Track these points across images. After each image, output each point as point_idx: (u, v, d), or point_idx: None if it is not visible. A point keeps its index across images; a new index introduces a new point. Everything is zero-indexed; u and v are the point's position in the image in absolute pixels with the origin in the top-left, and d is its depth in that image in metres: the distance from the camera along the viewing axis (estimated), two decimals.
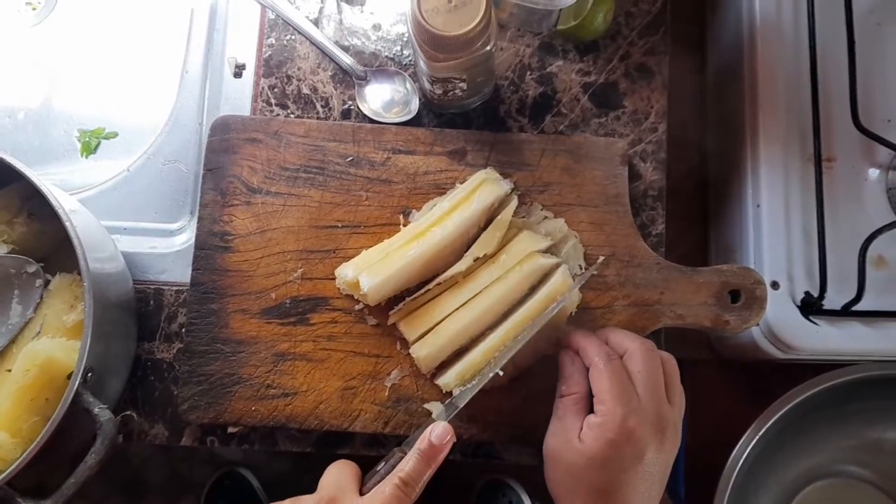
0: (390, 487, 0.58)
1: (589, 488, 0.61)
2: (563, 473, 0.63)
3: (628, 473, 0.60)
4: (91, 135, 0.88)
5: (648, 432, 0.60)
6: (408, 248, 0.71)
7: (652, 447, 0.60)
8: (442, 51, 0.65)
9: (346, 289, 0.73)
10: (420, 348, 0.70)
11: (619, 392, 0.61)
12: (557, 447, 0.63)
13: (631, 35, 0.83)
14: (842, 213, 0.88)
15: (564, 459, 0.62)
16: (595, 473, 0.60)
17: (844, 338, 0.85)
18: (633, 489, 0.60)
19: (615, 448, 0.60)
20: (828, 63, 0.87)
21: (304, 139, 0.77)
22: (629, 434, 0.59)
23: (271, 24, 0.83)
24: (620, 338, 0.65)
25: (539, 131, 0.81)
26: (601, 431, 0.60)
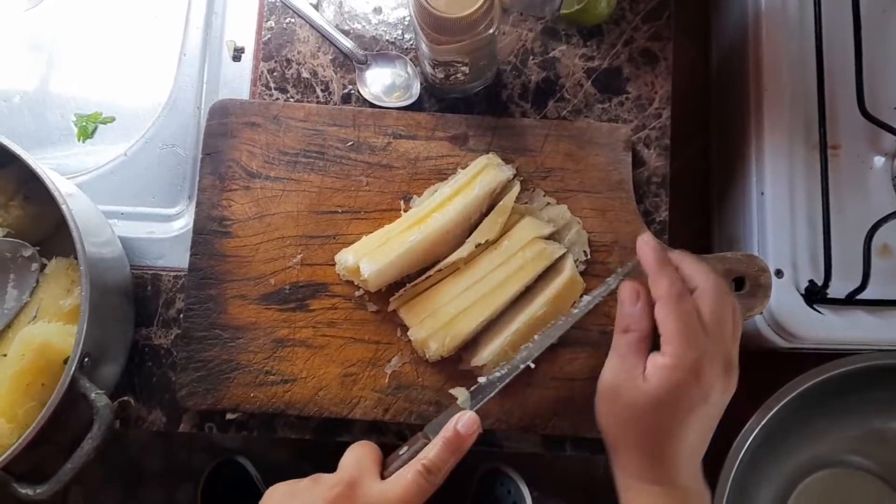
0: (413, 474, 0.57)
1: (647, 427, 0.59)
2: (621, 409, 0.61)
3: (691, 415, 0.59)
4: (88, 119, 0.87)
5: (716, 374, 0.59)
6: (408, 234, 0.71)
7: (717, 389, 0.59)
8: (444, 33, 0.65)
9: (346, 275, 0.72)
10: (418, 331, 0.70)
11: (689, 334, 0.59)
12: (618, 384, 0.61)
13: (635, 20, 0.82)
14: (847, 200, 0.87)
15: (625, 397, 0.60)
16: (657, 413, 0.59)
17: (848, 327, 0.84)
18: (691, 429, 0.59)
19: (682, 390, 0.58)
20: (833, 49, 0.86)
21: (303, 123, 0.76)
22: (697, 377, 0.58)
23: (270, 7, 0.82)
24: (693, 270, 0.62)
25: (542, 116, 0.80)
26: (669, 373, 0.58)
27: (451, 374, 0.72)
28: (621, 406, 0.61)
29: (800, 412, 0.90)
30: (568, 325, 0.67)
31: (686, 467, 0.60)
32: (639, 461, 0.61)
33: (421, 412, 0.72)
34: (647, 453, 0.60)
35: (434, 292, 0.71)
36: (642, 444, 0.60)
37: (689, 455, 0.60)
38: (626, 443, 0.62)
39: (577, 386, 0.72)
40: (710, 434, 0.62)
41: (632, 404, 0.60)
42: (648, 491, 0.60)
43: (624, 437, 0.62)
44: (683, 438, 0.59)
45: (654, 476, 0.60)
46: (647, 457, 0.60)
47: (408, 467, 0.58)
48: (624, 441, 0.62)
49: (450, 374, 0.72)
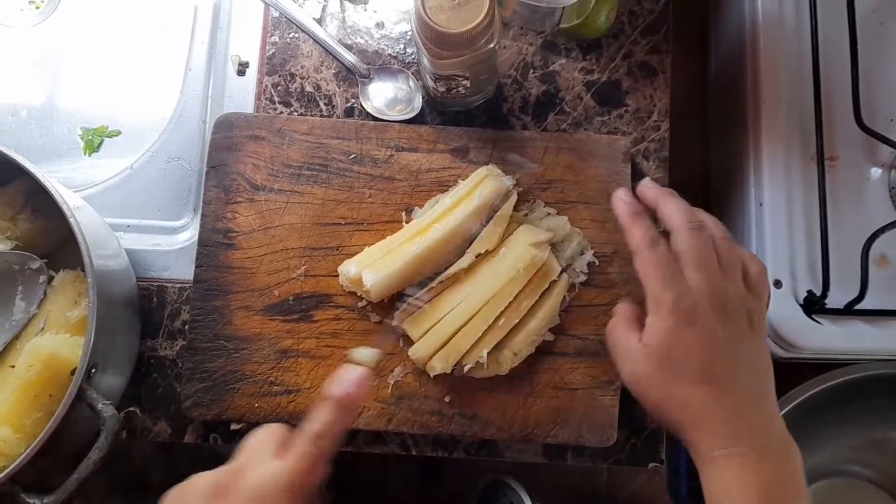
0: (303, 444, 0.53)
1: (677, 393, 0.57)
2: (647, 388, 0.58)
3: (713, 362, 0.56)
4: (94, 133, 0.88)
5: (708, 313, 0.56)
6: (410, 245, 0.71)
7: (722, 326, 0.57)
8: (445, 48, 0.65)
9: (349, 286, 0.73)
10: (418, 350, 0.71)
11: (663, 277, 0.57)
12: (629, 367, 0.59)
13: (634, 34, 0.83)
14: (844, 211, 0.88)
15: (641, 375, 0.58)
16: (674, 373, 0.57)
17: (847, 336, 0.85)
18: (726, 377, 0.57)
19: (679, 338, 0.56)
20: (830, 61, 0.87)
21: (307, 136, 0.77)
22: (689, 319, 0.56)
23: (275, 23, 0.83)
24: (667, 211, 0.61)
25: (542, 129, 0.81)
26: (655, 324, 0.57)
27: (453, 384, 0.73)
28: (644, 385, 0.59)
29: (799, 422, 0.90)
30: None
31: (750, 421, 0.57)
32: (695, 433, 0.57)
33: (424, 422, 0.73)
34: (693, 421, 0.57)
35: (435, 303, 0.72)
36: (685, 412, 0.57)
37: (745, 407, 0.57)
38: (673, 419, 0.58)
39: (578, 395, 0.73)
40: (764, 379, 0.59)
41: (648, 377, 0.58)
42: (719, 464, 0.56)
43: (669, 415, 0.58)
44: (725, 388, 0.57)
45: (717, 442, 0.56)
46: (697, 425, 0.57)
47: (300, 438, 0.54)
48: (672, 419, 0.58)
49: (452, 384, 0.73)
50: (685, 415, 0.57)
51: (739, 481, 0.55)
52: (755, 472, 0.55)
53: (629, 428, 0.76)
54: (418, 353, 0.71)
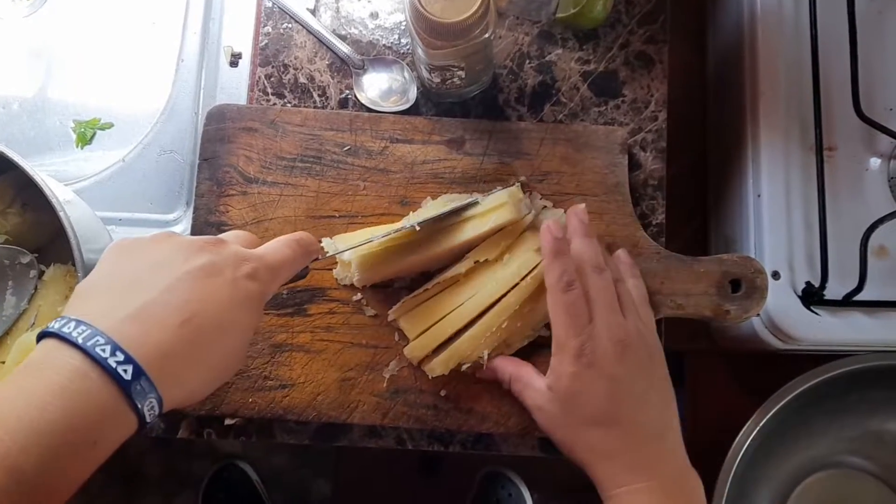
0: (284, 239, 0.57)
1: (584, 435, 0.62)
2: (556, 429, 0.64)
3: (610, 399, 0.61)
4: (86, 125, 0.88)
5: (609, 354, 0.62)
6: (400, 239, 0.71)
7: (620, 368, 0.62)
8: (440, 38, 0.65)
9: (339, 275, 0.73)
10: (413, 349, 0.70)
11: (571, 323, 0.63)
12: (537, 409, 0.65)
13: (631, 23, 0.82)
14: (843, 202, 0.87)
15: (548, 416, 0.64)
16: (577, 413, 0.62)
17: (846, 328, 0.84)
18: (631, 413, 0.62)
19: (580, 379, 0.61)
20: (829, 51, 0.87)
21: (300, 128, 0.76)
22: (589, 360, 0.61)
23: (268, 13, 0.82)
24: (578, 250, 0.67)
25: (538, 120, 0.80)
26: (560, 368, 0.63)
27: (449, 378, 0.72)
28: (552, 426, 0.65)
29: (798, 414, 0.90)
30: None
31: (650, 457, 0.61)
32: (598, 471, 0.63)
33: (419, 416, 0.72)
34: (597, 460, 0.62)
35: (433, 303, 0.71)
36: (589, 452, 0.63)
37: (645, 443, 0.62)
38: (579, 459, 0.64)
39: None
40: (666, 412, 0.64)
41: (553, 419, 0.64)
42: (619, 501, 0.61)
43: (575, 455, 0.64)
44: (626, 427, 0.61)
45: (617, 480, 0.61)
46: (600, 464, 0.62)
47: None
48: (578, 458, 0.64)
49: (448, 378, 0.72)
50: (590, 455, 0.63)
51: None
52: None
53: None
54: (414, 351, 0.70)
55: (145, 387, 0.43)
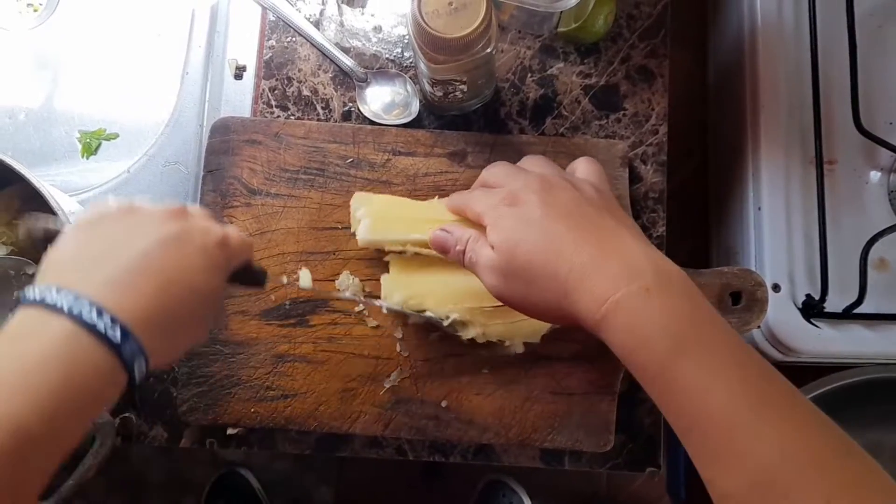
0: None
1: (540, 267, 0.54)
2: (518, 284, 0.56)
3: (548, 219, 0.55)
4: (92, 136, 0.88)
5: (530, 188, 0.58)
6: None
7: (547, 194, 0.57)
8: (442, 53, 0.65)
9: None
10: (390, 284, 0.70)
11: (479, 195, 0.61)
12: (490, 276, 0.58)
13: (632, 37, 0.83)
14: (843, 215, 0.88)
15: (503, 274, 0.57)
16: (527, 254, 0.55)
17: (846, 340, 0.85)
18: (571, 225, 0.55)
19: (489, 222, 0.58)
20: (829, 65, 0.87)
21: (304, 141, 0.77)
22: (510, 199, 0.58)
23: (272, 26, 0.83)
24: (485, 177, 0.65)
25: (540, 133, 0.81)
26: (491, 225, 0.58)
27: (451, 389, 0.73)
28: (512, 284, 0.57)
29: None
30: None
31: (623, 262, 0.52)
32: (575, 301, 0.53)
33: (421, 427, 0.73)
34: (569, 291, 0.53)
35: (427, 268, 0.71)
36: (558, 286, 0.54)
37: (612, 250, 0.53)
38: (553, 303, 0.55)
39: (575, 400, 0.73)
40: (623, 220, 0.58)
41: (511, 272, 0.56)
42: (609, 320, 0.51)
43: (548, 301, 0.55)
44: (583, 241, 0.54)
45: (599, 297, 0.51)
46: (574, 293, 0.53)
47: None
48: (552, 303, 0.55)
49: (450, 389, 0.73)
50: (559, 288, 0.54)
51: (637, 324, 0.50)
52: (650, 306, 0.50)
53: (627, 433, 0.76)
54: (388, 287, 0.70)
55: (133, 348, 0.46)
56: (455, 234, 0.62)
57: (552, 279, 0.54)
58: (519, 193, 0.58)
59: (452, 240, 0.62)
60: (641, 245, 0.55)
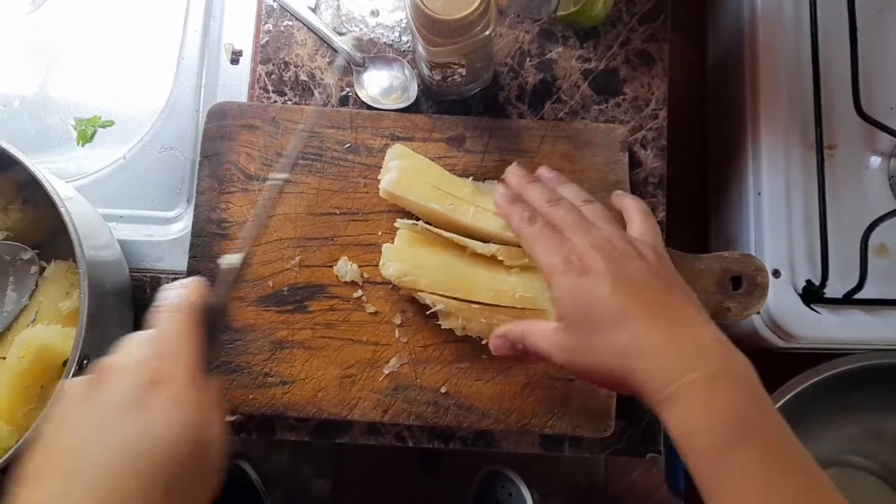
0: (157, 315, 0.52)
1: (607, 341, 0.54)
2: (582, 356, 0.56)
3: (620, 295, 0.55)
4: (87, 123, 0.88)
5: (598, 256, 0.56)
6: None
7: (616, 264, 0.56)
8: (440, 35, 0.65)
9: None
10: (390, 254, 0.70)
11: (547, 245, 0.59)
12: (556, 350, 0.57)
13: (631, 21, 0.82)
14: (843, 200, 0.88)
15: (568, 348, 0.56)
16: (595, 326, 0.55)
17: (846, 326, 0.85)
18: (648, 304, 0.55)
19: (581, 289, 0.56)
20: (829, 50, 0.87)
21: (301, 125, 0.76)
22: (580, 268, 0.56)
23: (268, 10, 0.82)
24: (532, 195, 0.65)
25: (539, 118, 0.80)
26: (558, 292, 0.56)
27: (450, 375, 0.72)
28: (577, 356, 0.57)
29: (798, 412, 0.90)
30: None
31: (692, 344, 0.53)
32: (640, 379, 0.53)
33: (419, 413, 0.72)
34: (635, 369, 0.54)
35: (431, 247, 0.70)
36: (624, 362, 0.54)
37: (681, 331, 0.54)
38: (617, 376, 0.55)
39: (575, 386, 0.72)
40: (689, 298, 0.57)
41: (576, 346, 0.56)
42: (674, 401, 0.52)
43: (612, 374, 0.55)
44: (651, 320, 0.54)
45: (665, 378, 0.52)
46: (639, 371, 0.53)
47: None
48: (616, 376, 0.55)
49: (449, 375, 0.72)
50: (624, 364, 0.54)
51: (700, 409, 0.51)
52: (716, 394, 0.51)
53: (626, 418, 0.76)
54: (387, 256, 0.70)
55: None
56: (510, 335, 0.61)
57: (621, 356, 0.54)
58: (587, 259, 0.57)
59: (509, 345, 0.62)
60: (709, 328, 0.55)
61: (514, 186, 0.67)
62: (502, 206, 0.65)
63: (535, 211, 0.63)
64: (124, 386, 0.46)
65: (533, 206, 0.63)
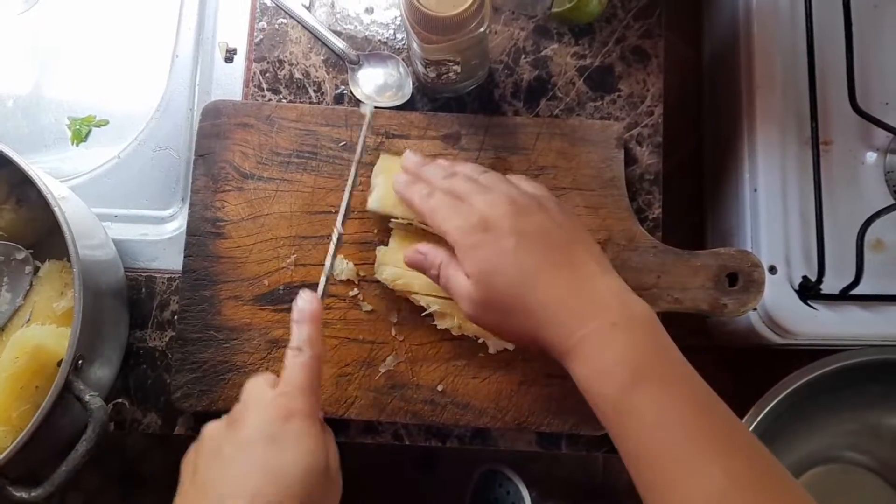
0: (288, 360, 0.57)
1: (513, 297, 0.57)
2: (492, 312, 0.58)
3: (522, 250, 0.57)
4: (82, 122, 0.87)
5: (498, 213, 0.58)
6: None
7: (517, 220, 0.58)
8: (435, 32, 0.65)
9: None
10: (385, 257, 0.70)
11: (446, 211, 0.60)
12: (466, 304, 0.59)
13: (626, 18, 0.82)
14: (839, 196, 0.88)
15: (478, 302, 0.58)
16: (500, 282, 0.57)
17: (842, 322, 0.85)
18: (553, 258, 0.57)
19: (483, 248, 0.57)
20: (825, 45, 0.87)
21: (296, 124, 0.76)
22: (481, 226, 0.58)
23: (263, 8, 0.82)
24: (428, 174, 0.66)
25: (534, 115, 0.80)
26: (462, 251, 0.58)
27: (447, 373, 0.72)
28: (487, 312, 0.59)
29: (794, 409, 0.90)
30: None
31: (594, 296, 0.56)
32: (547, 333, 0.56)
33: (416, 411, 0.72)
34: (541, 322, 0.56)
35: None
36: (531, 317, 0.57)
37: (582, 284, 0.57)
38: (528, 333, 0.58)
39: (571, 384, 0.72)
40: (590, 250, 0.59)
41: (485, 301, 0.58)
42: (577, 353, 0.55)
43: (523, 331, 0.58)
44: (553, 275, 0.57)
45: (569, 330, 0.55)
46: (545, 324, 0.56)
47: (285, 360, 0.58)
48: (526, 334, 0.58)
49: (446, 373, 0.72)
50: (533, 321, 0.57)
51: (599, 357, 0.54)
52: (614, 342, 0.54)
53: None
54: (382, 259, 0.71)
55: None
56: (429, 257, 0.63)
57: (526, 312, 0.57)
58: (488, 216, 0.58)
59: (427, 263, 0.63)
60: (608, 278, 0.58)
61: (412, 171, 0.68)
62: (402, 191, 0.66)
63: (434, 187, 0.64)
64: (261, 422, 0.53)
65: (430, 184, 0.65)
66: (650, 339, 0.55)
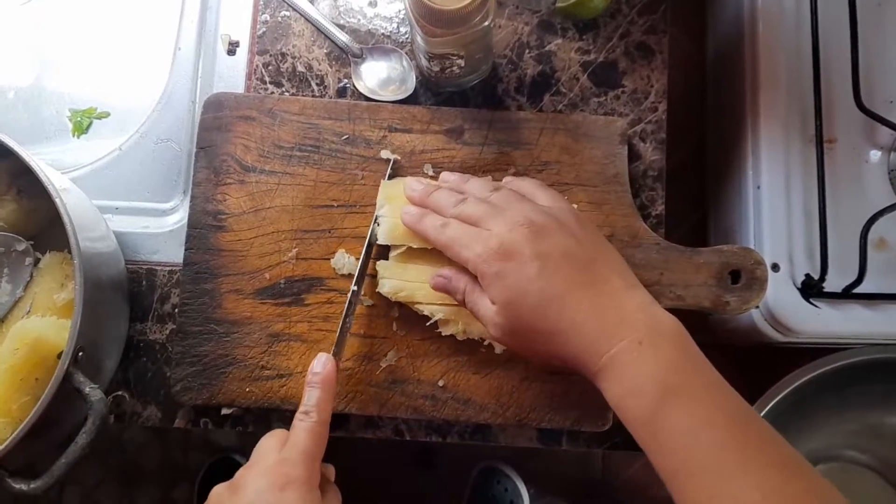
0: (296, 422, 0.59)
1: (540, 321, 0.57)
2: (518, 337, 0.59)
3: (547, 273, 0.57)
4: (83, 114, 0.87)
5: (517, 238, 0.58)
6: None
7: (538, 243, 0.57)
8: (439, 25, 0.64)
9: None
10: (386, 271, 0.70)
11: (464, 241, 0.60)
12: (493, 330, 0.60)
13: (631, 13, 0.81)
14: (843, 194, 0.87)
15: (505, 329, 0.59)
16: (526, 307, 0.57)
17: (845, 320, 0.84)
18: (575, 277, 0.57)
19: (507, 274, 0.57)
20: (830, 43, 0.86)
21: (298, 117, 0.76)
22: (503, 254, 0.57)
23: (266, 1, 0.82)
24: (436, 203, 0.65)
25: (537, 110, 0.80)
26: (486, 280, 0.58)
27: (448, 368, 0.72)
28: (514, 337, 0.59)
29: (796, 407, 0.90)
30: None
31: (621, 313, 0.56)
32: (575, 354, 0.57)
33: (417, 406, 0.72)
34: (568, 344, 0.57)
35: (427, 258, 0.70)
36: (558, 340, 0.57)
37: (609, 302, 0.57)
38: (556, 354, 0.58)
39: (573, 380, 0.72)
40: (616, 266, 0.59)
41: (512, 328, 0.58)
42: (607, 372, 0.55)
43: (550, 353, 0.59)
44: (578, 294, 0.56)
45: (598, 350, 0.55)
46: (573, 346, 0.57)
47: (294, 422, 0.59)
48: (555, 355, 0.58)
49: (447, 368, 0.72)
50: (559, 342, 0.57)
51: (630, 376, 0.54)
52: (642, 359, 0.54)
53: None
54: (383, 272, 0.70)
55: None
56: (452, 282, 0.64)
57: (554, 335, 0.57)
58: (509, 245, 0.58)
59: (451, 287, 0.64)
60: (633, 293, 0.58)
61: (418, 202, 0.67)
62: (413, 225, 0.66)
63: (446, 216, 0.63)
64: (259, 489, 0.55)
65: (441, 213, 0.64)
66: (678, 352, 0.55)
